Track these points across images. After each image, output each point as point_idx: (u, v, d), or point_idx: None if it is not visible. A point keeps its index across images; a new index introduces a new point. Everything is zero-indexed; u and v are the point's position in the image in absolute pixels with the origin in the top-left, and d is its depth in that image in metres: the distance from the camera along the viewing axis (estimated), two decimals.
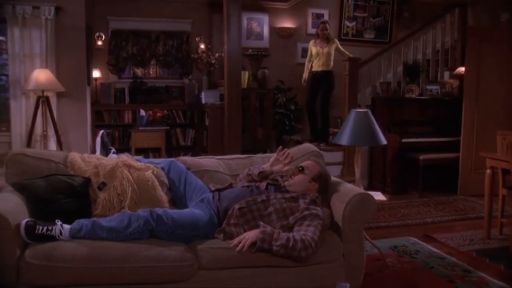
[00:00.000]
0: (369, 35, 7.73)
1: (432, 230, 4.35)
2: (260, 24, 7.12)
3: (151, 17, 6.69)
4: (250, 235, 2.36)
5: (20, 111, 5.31)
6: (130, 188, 2.64)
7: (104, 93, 6.49)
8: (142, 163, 2.80)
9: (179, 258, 2.31)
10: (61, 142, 5.29)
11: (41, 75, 5.05)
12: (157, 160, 3.06)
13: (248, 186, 2.74)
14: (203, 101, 6.44)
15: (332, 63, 6.24)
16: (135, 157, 3.11)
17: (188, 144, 6.93)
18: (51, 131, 5.31)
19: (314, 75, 6.28)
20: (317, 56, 6.24)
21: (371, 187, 6.18)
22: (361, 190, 2.65)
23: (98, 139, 3.12)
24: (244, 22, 7.01)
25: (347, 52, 6.25)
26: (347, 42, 7.45)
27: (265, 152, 6.65)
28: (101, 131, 3.16)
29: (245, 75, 6.55)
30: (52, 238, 2.27)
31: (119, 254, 2.24)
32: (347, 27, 7.60)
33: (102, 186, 2.64)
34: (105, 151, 3.07)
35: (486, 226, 4.06)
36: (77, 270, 2.18)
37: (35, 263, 2.14)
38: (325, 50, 6.19)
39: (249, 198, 2.58)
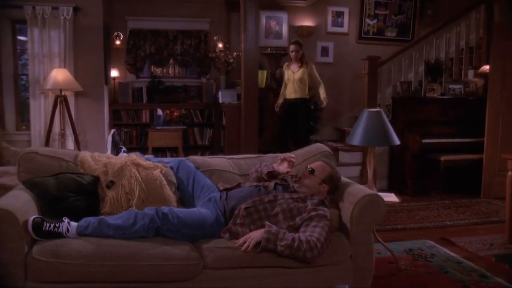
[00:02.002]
0: (390, 33, 7.64)
1: (451, 233, 4.28)
2: (279, 23, 7.12)
3: (169, 16, 6.78)
4: (255, 235, 2.38)
5: (39, 110, 5.47)
6: (138, 187, 2.69)
7: (122, 93, 6.61)
8: (151, 162, 2.85)
9: (184, 257, 2.35)
10: (78, 141, 5.41)
11: (59, 75, 5.19)
12: (166, 159, 3.11)
13: (256, 186, 2.76)
14: (220, 101, 6.49)
15: (307, 90, 5.86)
16: (145, 156, 3.17)
17: (206, 144, 6.99)
18: (69, 130, 5.45)
19: (286, 103, 5.88)
20: (288, 82, 5.85)
21: (390, 188, 6.12)
22: (370, 191, 2.63)
23: (109, 138, 3.19)
24: (263, 21, 7.03)
25: (319, 79, 5.88)
26: (368, 40, 7.41)
27: (283, 151, 6.69)
28: (112, 130, 3.23)
29: (263, 75, 6.57)
30: (59, 235, 2.34)
31: (125, 252, 2.29)
32: (368, 25, 7.52)
33: (110, 184, 2.70)
34: (116, 150, 3.12)
35: (508, 231, 3.97)
36: (83, 267, 2.24)
37: (42, 260, 2.21)
38: (297, 75, 5.78)
39: (256, 198, 2.60)
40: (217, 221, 2.58)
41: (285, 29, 7.13)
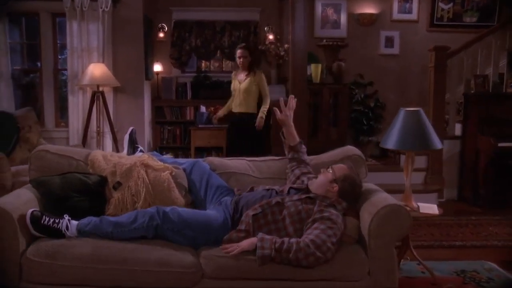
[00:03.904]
0: (470, 19, 7.26)
1: None
2: (337, 11, 7.05)
3: (216, 6, 6.95)
4: (243, 244, 2.43)
5: (77, 106, 5.83)
6: (144, 189, 2.81)
7: (165, 88, 6.86)
8: (161, 163, 2.96)
9: (182, 264, 2.43)
10: (116, 139, 5.69)
11: (96, 70, 5.49)
12: (182, 160, 3.22)
13: (268, 189, 2.82)
14: None
15: (254, 103, 5.54)
16: (163, 156, 3.30)
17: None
18: (106, 128, 5.75)
19: (234, 118, 5.62)
20: (234, 92, 5.60)
21: (460, 199, 5.89)
22: (393, 200, 2.55)
23: (126, 136, 3.33)
24: (318, 9, 6.99)
25: (267, 92, 5.56)
26: (441, 28, 7.10)
27: None
28: (130, 128, 3.36)
29: (318, 69, 6.54)
30: (58, 232, 2.52)
31: (120, 256, 2.42)
32: (442, 10, 7.21)
33: (117, 185, 2.84)
34: (132, 149, 3.27)
35: None
36: (77, 270, 2.40)
37: (36, 260, 2.40)
38: (243, 85, 5.48)
39: (263, 201, 2.63)
40: (223, 225, 2.64)
41: (343, 18, 7.04)
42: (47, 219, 2.50)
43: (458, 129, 6.05)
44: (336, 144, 6.40)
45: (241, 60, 5.53)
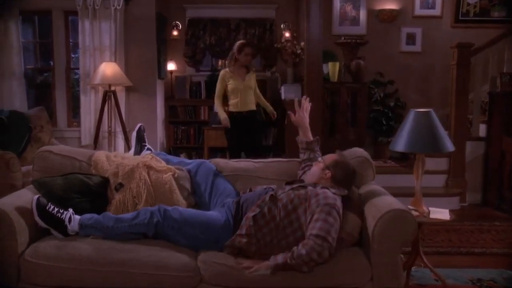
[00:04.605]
0: (498, 13, 7.14)
1: None
2: (356, 7, 7.03)
3: (231, 3, 7.00)
4: (261, 266, 2.46)
5: (89, 106, 5.96)
6: (145, 191, 2.87)
7: (178, 87, 6.95)
8: (164, 165, 3.01)
9: (180, 267, 2.47)
10: (128, 138, 5.79)
11: (108, 69, 5.60)
12: (188, 161, 3.27)
13: (265, 188, 2.87)
14: (283, 97, 6.55)
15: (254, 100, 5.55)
16: (170, 156, 3.34)
17: (269, 144, 7.08)
18: (118, 127, 5.85)
19: (235, 118, 5.42)
20: (235, 92, 5.39)
21: (485, 203, 5.81)
22: (399, 205, 2.54)
23: (134, 134, 3.38)
24: (337, 5, 6.99)
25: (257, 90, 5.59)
26: (466, 24, 7.01)
27: None
28: (138, 125, 3.41)
29: (335, 67, 6.51)
30: (60, 223, 2.61)
31: (118, 258, 2.48)
32: (468, 5, 7.11)
33: (119, 187, 2.90)
34: (140, 147, 3.32)
35: None
36: (75, 271, 2.46)
37: (33, 261, 2.47)
38: (247, 83, 5.41)
39: (259, 201, 2.69)
40: (225, 226, 2.68)
41: (363, 14, 7.02)
42: (52, 207, 2.61)
43: (482, 130, 5.97)
44: (353, 145, 6.37)
45: (250, 58, 5.47)
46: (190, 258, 2.53)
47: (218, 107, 5.44)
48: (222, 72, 5.49)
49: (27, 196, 2.73)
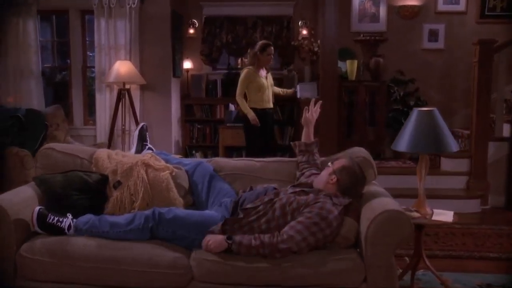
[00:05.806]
0: None
1: None
2: (376, 3, 6.97)
3: (248, 0, 7.02)
4: (215, 239, 2.54)
5: (104, 104, 6.09)
6: (142, 189, 2.93)
7: (194, 86, 7.02)
8: (162, 164, 3.07)
9: (171, 265, 2.53)
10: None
11: (122, 67, 5.71)
12: (187, 161, 3.32)
13: (265, 187, 2.90)
14: (298, 95, 6.55)
15: None
16: (171, 155, 3.40)
17: (286, 144, 7.08)
18: (132, 126, 5.96)
19: (259, 116, 5.59)
20: (261, 90, 5.63)
21: (509, 206, 5.68)
22: (394, 205, 2.53)
23: (136, 132, 3.45)
24: (356, 2, 6.95)
25: None
26: (493, 19, 6.86)
27: (378, 156, 6.53)
28: (141, 124, 3.49)
29: (354, 65, 6.49)
30: (60, 231, 2.68)
31: (110, 255, 2.55)
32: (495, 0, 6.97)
33: (117, 184, 2.97)
34: (141, 147, 3.39)
35: None
36: (67, 268, 2.54)
37: (28, 257, 2.56)
38: (270, 81, 5.82)
39: (257, 199, 2.72)
40: None
41: (383, 11, 6.95)
42: (52, 217, 2.67)
43: (506, 130, 5.85)
44: (373, 145, 6.44)
45: (271, 57, 5.69)
46: (182, 256, 2.57)
47: (244, 105, 5.63)
48: (246, 71, 5.64)
49: (26, 193, 2.83)
